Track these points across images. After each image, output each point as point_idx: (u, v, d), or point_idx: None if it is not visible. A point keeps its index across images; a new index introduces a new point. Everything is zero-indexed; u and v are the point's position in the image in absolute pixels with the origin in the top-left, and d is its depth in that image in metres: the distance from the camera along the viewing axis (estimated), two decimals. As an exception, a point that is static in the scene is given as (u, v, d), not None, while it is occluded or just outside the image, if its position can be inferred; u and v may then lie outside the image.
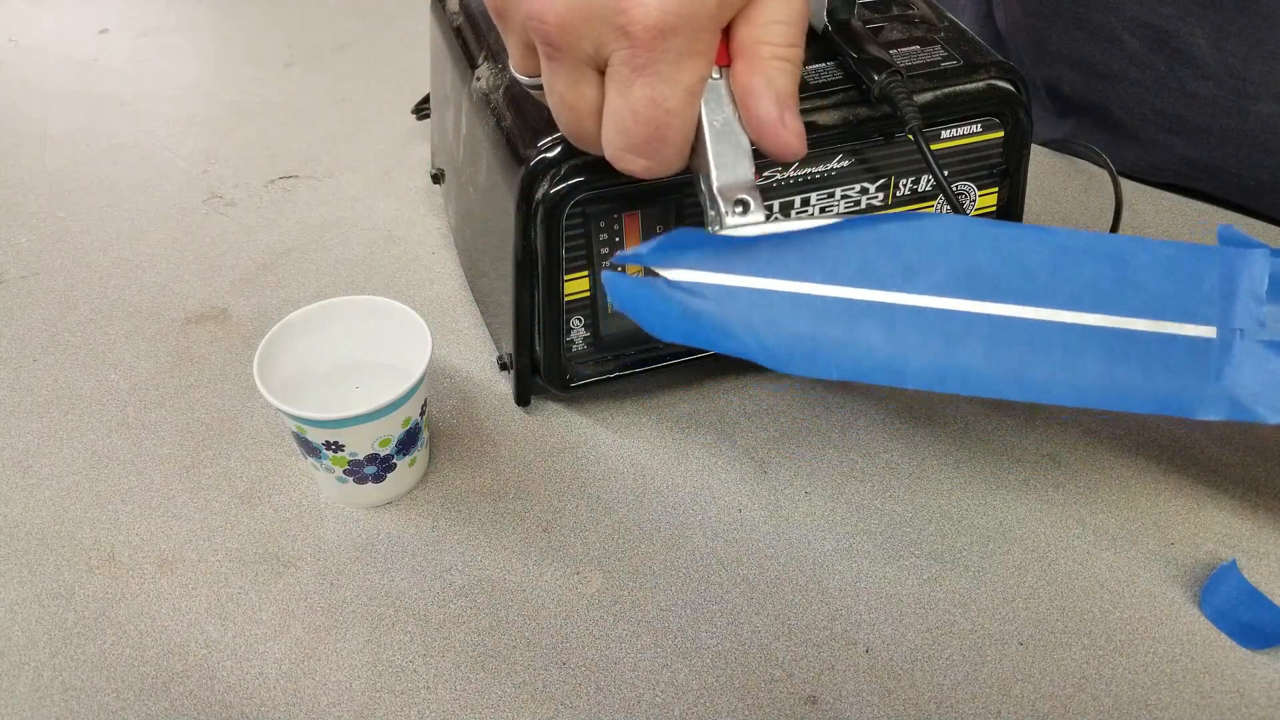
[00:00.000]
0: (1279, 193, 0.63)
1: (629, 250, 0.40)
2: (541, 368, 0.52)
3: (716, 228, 0.39)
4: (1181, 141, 0.65)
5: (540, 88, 0.41)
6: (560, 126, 0.41)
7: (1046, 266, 0.41)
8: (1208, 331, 0.42)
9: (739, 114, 0.39)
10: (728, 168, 0.39)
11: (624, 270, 0.43)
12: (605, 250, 0.49)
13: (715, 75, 0.39)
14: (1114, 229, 0.54)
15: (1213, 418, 0.42)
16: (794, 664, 0.44)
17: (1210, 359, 0.42)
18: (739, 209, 0.39)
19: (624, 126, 0.38)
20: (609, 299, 0.40)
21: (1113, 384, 0.42)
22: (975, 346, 0.41)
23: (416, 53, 0.85)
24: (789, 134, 0.38)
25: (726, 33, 0.39)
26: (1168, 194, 0.68)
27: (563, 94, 0.39)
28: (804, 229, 0.40)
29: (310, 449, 0.47)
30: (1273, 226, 0.64)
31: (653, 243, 0.40)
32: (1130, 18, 0.62)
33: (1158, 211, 0.67)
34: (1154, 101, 0.64)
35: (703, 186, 0.40)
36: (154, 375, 0.58)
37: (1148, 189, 0.68)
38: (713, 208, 0.40)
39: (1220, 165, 0.64)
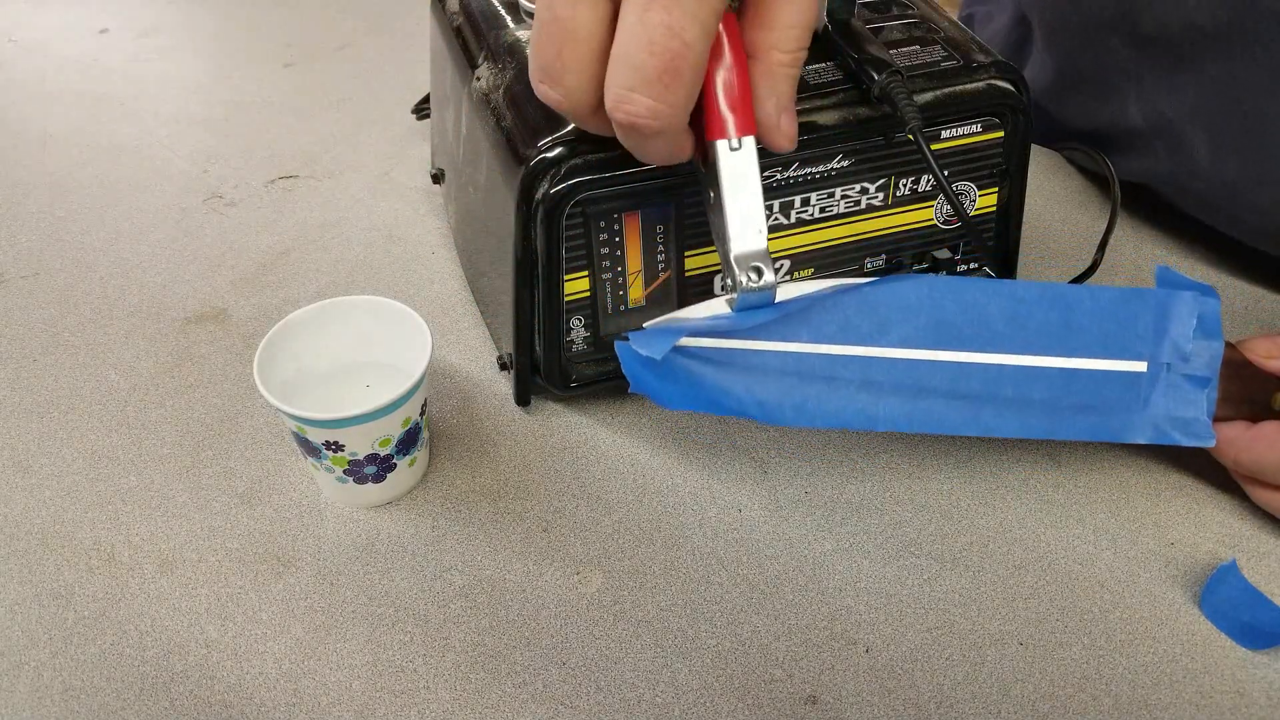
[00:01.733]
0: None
1: (643, 328, 0.45)
2: (541, 368, 0.52)
3: (732, 291, 0.43)
4: (1176, 209, 0.65)
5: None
6: (536, 49, 0.38)
7: (1004, 315, 0.47)
8: (1139, 366, 0.48)
9: (759, 186, 0.42)
10: (742, 239, 0.43)
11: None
12: (605, 250, 0.49)
13: (734, 145, 0.41)
14: (1108, 233, 0.55)
15: (1140, 441, 0.48)
16: (794, 664, 0.44)
17: (1140, 390, 0.48)
18: (754, 275, 0.43)
19: (636, 60, 0.35)
20: (623, 370, 0.45)
21: (1054, 417, 0.48)
22: (939, 390, 0.47)
23: (416, 53, 0.85)
24: (783, 136, 0.41)
25: (741, 29, 0.39)
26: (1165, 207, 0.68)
27: (557, 10, 0.36)
28: (797, 300, 0.45)
29: (310, 449, 0.47)
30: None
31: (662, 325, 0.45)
32: (1144, 95, 0.61)
33: (1155, 211, 0.67)
34: (1150, 176, 0.64)
35: (720, 252, 0.44)
36: (154, 375, 0.58)
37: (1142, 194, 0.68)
38: (729, 274, 0.43)
39: (1212, 229, 0.64)
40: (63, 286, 0.64)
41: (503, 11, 0.55)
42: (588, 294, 0.50)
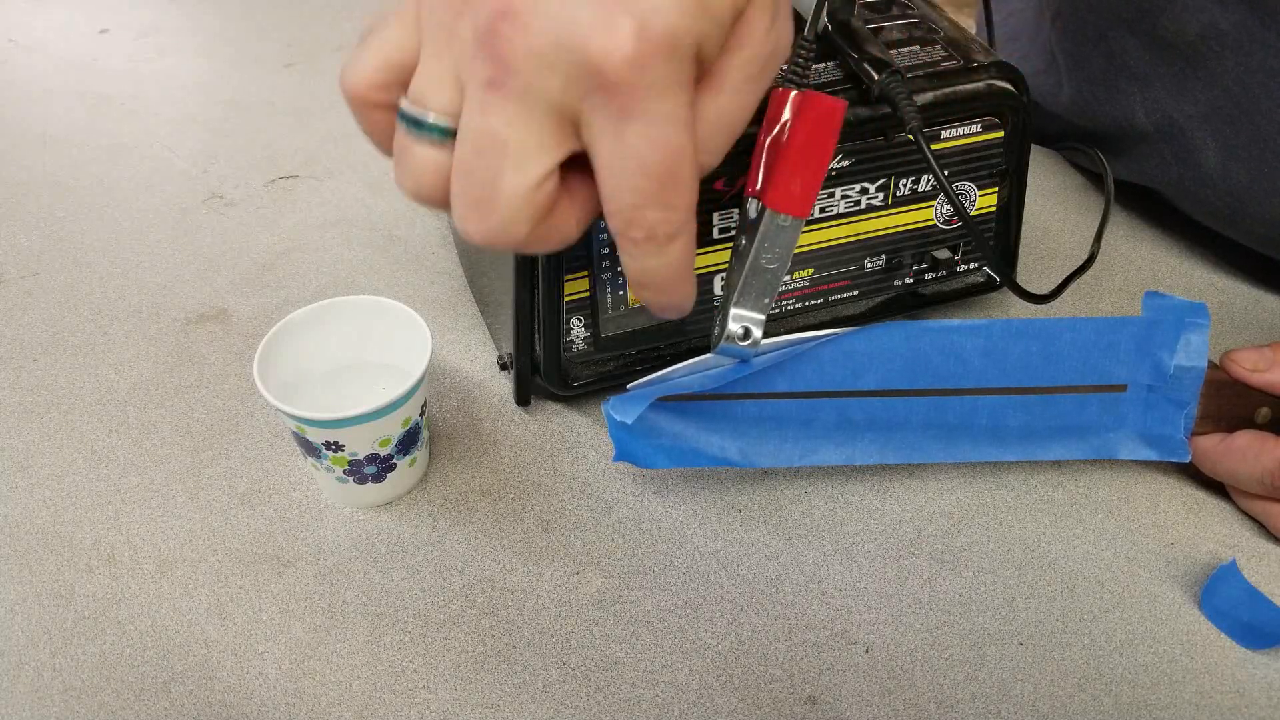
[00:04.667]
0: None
1: (626, 389, 0.46)
2: (541, 368, 0.52)
3: (717, 341, 0.44)
4: (1180, 211, 0.65)
5: (439, 135, 0.34)
6: (465, 180, 0.34)
7: (979, 351, 0.48)
8: (1119, 388, 0.49)
9: (788, 263, 0.43)
10: (750, 301, 0.44)
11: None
12: (605, 250, 0.49)
13: (784, 221, 0.42)
14: (1102, 224, 0.55)
15: (1120, 458, 0.49)
16: (794, 664, 0.44)
17: (1120, 409, 0.49)
18: (742, 335, 0.44)
19: (633, 184, 0.33)
20: (609, 433, 0.47)
21: (1031, 441, 0.49)
22: (914, 423, 0.49)
23: (416, 53, 0.85)
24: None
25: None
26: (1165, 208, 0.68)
27: (496, 132, 0.32)
28: (774, 354, 0.46)
29: (310, 449, 0.47)
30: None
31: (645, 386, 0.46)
32: (1151, 99, 0.61)
33: (1156, 212, 0.67)
34: (1155, 180, 0.64)
35: (723, 292, 0.45)
36: (154, 375, 0.58)
37: (1150, 198, 0.68)
38: (721, 324, 0.44)
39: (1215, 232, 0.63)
40: (63, 286, 0.64)
41: (503, 11, 0.55)
42: (588, 294, 0.50)
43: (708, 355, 0.46)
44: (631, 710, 0.43)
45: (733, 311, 0.44)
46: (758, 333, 0.44)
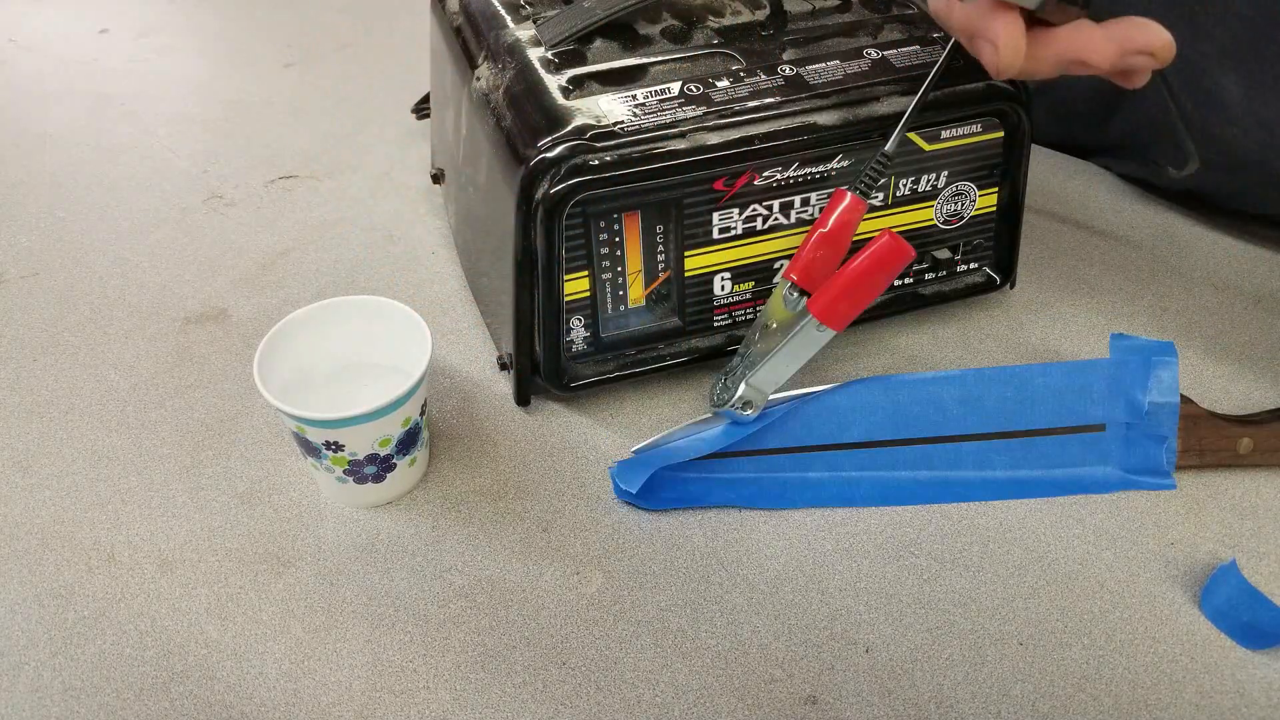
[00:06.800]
0: None
1: (632, 452, 0.51)
2: (541, 368, 0.52)
3: (722, 401, 0.49)
4: (1197, 175, 0.64)
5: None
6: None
7: (957, 399, 0.51)
8: (1098, 428, 0.51)
9: (810, 357, 0.48)
10: (765, 381, 0.49)
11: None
12: (605, 250, 0.49)
13: (822, 332, 0.47)
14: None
15: (1104, 493, 0.51)
16: (794, 664, 0.44)
17: (1101, 447, 0.51)
18: (745, 407, 0.49)
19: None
20: (614, 491, 0.50)
21: (1017, 481, 0.51)
22: (904, 470, 0.51)
23: (416, 53, 0.85)
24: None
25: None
26: (1165, 208, 0.68)
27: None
28: (766, 415, 0.50)
29: (310, 449, 0.47)
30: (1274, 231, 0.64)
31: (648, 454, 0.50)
32: None
33: (1154, 214, 0.67)
34: (1173, 130, 0.63)
35: (740, 369, 0.49)
36: (154, 375, 0.58)
37: (1150, 198, 0.68)
38: (730, 390, 0.49)
39: (1236, 193, 0.62)
40: (63, 286, 0.64)
41: (503, 11, 0.55)
42: (588, 294, 0.50)
43: (706, 416, 0.50)
44: (631, 710, 0.43)
45: (744, 386, 0.48)
46: (755, 413, 0.49)
